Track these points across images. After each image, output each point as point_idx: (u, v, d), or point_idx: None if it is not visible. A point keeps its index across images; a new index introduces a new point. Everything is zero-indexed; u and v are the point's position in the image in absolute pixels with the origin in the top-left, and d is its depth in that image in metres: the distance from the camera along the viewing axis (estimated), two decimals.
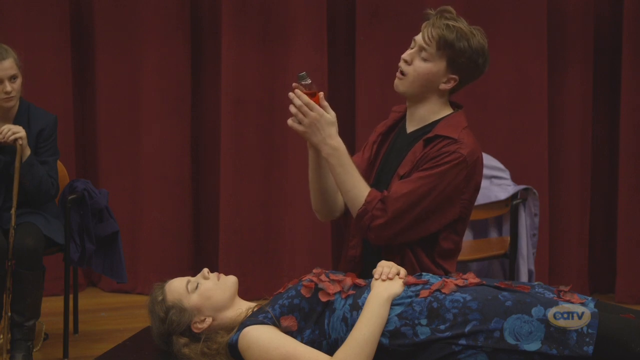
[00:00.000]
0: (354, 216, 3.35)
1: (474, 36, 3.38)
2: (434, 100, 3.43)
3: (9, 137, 4.33)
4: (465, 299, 2.93)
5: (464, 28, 3.37)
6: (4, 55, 4.37)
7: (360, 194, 3.31)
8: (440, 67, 3.37)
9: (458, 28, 3.35)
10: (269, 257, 5.82)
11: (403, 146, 3.45)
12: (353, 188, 3.32)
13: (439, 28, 3.36)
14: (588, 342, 2.80)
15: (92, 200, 4.73)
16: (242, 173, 5.75)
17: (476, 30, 3.40)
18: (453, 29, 3.35)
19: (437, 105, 3.44)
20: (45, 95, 5.55)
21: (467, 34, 3.36)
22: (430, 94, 3.42)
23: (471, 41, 3.36)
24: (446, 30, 3.35)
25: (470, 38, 3.36)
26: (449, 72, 3.38)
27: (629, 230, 5.67)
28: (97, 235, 4.76)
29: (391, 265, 3.08)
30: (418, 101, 3.44)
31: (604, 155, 5.85)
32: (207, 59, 5.89)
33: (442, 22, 3.37)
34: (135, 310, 5.40)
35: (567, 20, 5.71)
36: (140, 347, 3.34)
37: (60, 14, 5.74)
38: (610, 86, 5.78)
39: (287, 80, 5.72)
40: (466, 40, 3.35)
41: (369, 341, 2.89)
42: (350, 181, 3.32)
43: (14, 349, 4.34)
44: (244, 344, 2.95)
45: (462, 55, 3.36)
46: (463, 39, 3.35)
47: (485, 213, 4.95)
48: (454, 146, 3.33)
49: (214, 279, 3.12)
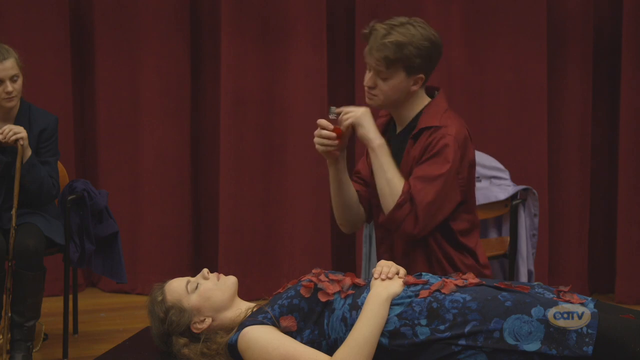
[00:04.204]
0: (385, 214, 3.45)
1: (414, 35, 3.42)
2: (410, 100, 3.52)
3: (10, 137, 4.33)
4: (465, 299, 2.93)
5: (400, 35, 3.42)
6: (5, 55, 4.37)
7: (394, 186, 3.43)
8: (401, 78, 3.45)
9: (394, 41, 3.40)
10: (269, 258, 5.82)
11: (397, 149, 3.54)
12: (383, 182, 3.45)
13: (379, 51, 3.42)
14: (588, 342, 2.80)
15: (92, 201, 4.72)
16: (242, 173, 5.75)
17: (414, 24, 3.45)
18: (391, 45, 3.40)
19: (415, 102, 3.53)
20: (45, 95, 5.55)
21: (406, 38, 3.42)
22: (405, 98, 3.51)
23: (414, 42, 3.41)
24: (385, 50, 3.41)
25: (411, 40, 3.41)
26: (412, 75, 3.45)
27: (628, 230, 5.67)
28: (97, 236, 4.76)
29: (390, 265, 3.08)
30: (396, 107, 3.55)
31: (603, 156, 5.84)
32: (206, 59, 5.89)
33: (377, 43, 3.43)
34: (135, 311, 5.40)
35: (567, 20, 5.71)
36: (140, 347, 3.34)
37: (60, 14, 5.73)
38: (610, 86, 5.78)
39: (287, 80, 5.73)
40: (409, 45, 3.41)
41: (368, 341, 2.89)
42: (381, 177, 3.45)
43: (13, 350, 4.34)
44: (243, 344, 2.95)
45: (413, 59, 3.42)
46: (405, 46, 3.40)
47: (485, 213, 4.94)
48: (440, 132, 3.43)
49: (213, 279, 3.12)
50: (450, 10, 5.57)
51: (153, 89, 5.79)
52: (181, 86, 5.82)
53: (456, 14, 5.56)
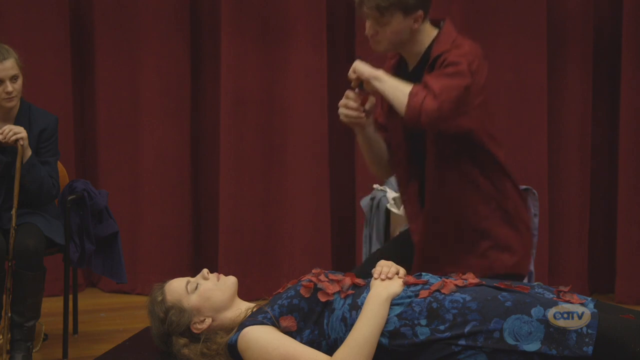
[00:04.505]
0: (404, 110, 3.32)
1: None
2: (416, 37, 3.46)
3: (10, 137, 4.33)
4: (464, 300, 2.93)
5: None
6: (5, 55, 4.37)
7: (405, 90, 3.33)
8: (399, 20, 3.40)
9: None
10: (269, 258, 5.82)
11: (415, 81, 3.42)
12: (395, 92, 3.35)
13: (369, 0, 3.37)
14: (588, 342, 2.80)
15: (92, 201, 4.72)
16: (242, 173, 5.75)
17: None
18: None
19: (422, 37, 3.47)
20: (45, 95, 5.55)
21: None
22: (409, 37, 3.44)
23: None
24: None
25: None
26: (410, 15, 3.40)
27: (628, 230, 5.67)
28: (97, 236, 4.76)
29: (390, 265, 3.08)
30: (404, 47, 3.48)
31: (603, 156, 5.84)
32: (206, 59, 5.89)
33: None
34: (134, 311, 5.40)
35: (567, 20, 5.71)
36: (140, 347, 3.34)
37: (60, 14, 5.74)
38: (609, 86, 5.78)
39: (287, 80, 5.73)
40: None
41: (368, 341, 2.89)
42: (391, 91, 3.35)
43: (13, 350, 4.34)
44: (243, 344, 2.95)
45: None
46: None
47: None
48: (452, 54, 3.36)
49: (213, 280, 3.12)
50: (451, 10, 5.57)
51: (153, 89, 5.80)
52: (181, 86, 5.83)
53: (456, 13, 5.56)
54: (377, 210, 4.96)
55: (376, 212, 4.96)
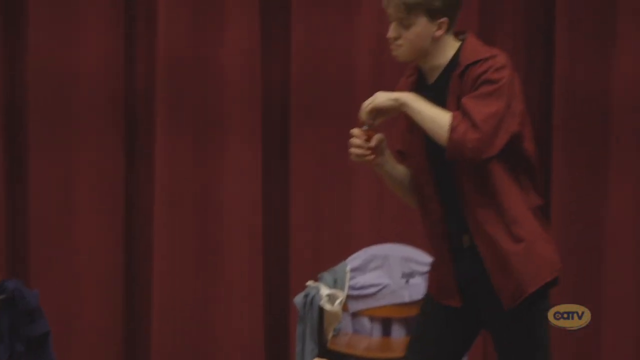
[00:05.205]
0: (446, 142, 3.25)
1: None
2: (438, 48, 3.38)
3: None
4: None
5: None
6: None
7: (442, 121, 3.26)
8: (424, 24, 3.33)
9: None
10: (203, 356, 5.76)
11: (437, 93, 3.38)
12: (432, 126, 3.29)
13: None
14: None
15: (23, 301, 4.66)
16: (176, 272, 5.71)
17: None
18: None
19: (444, 49, 3.39)
20: None
21: None
22: (431, 46, 3.36)
23: None
24: None
25: None
26: (434, 20, 3.34)
27: None
28: (28, 336, 4.69)
29: None
30: (425, 56, 3.39)
31: None
32: (141, 155, 5.87)
33: None
34: None
35: None
36: None
37: None
38: None
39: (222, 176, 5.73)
40: None
41: None
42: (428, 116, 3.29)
43: None
44: None
45: (433, 1, 3.32)
46: None
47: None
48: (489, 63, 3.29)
49: None
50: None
51: (86, 187, 5.76)
52: (114, 183, 5.79)
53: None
54: (310, 308, 4.97)
55: (309, 309, 4.97)
